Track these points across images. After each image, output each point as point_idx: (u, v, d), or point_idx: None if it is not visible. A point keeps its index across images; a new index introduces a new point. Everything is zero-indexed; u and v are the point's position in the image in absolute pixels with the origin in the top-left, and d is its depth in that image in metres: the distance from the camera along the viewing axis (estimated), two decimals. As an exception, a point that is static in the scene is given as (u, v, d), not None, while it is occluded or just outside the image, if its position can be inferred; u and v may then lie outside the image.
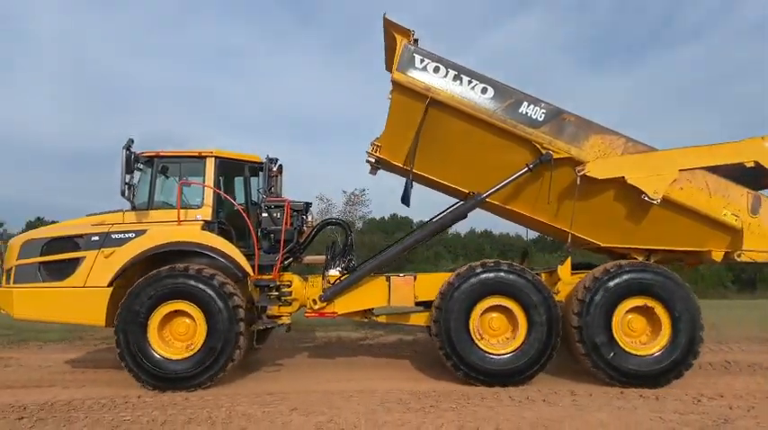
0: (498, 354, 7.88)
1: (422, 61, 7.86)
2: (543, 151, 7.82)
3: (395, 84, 7.88)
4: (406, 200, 8.55)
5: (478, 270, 7.98)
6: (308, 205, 9.30)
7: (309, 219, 9.42)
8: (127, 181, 8.13)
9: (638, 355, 7.84)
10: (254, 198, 9.11)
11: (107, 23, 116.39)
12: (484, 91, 7.88)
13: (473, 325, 7.91)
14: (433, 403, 6.87)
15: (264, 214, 8.68)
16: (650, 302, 7.89)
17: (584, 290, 7.89)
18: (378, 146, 8.37)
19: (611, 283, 7.86)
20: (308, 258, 9.71)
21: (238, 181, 9.19)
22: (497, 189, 8.06)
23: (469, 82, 7.89)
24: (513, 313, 7.92)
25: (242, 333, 7.92)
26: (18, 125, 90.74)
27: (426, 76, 7.82)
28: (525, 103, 7.89)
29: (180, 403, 6.97)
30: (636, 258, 8.41)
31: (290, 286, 8.72)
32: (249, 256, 8.40)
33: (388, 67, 8.32)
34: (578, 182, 7.81)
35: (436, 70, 7.87)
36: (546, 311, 7.83)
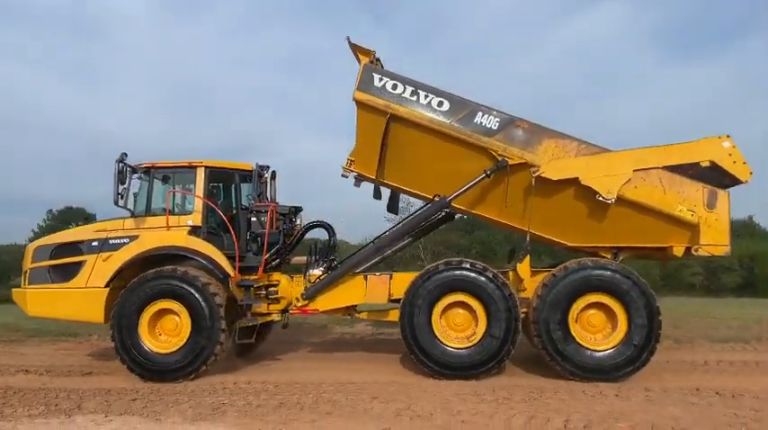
0: (459, 348, 8.24)
1: (381, 80, 8.45)
2: (499, 158, 8.21)
3: (357, 102, 8.47)
4: (393, 208, 9.49)
5: (442, 268, 8.38)
6: (296, 209, 9.92)
7: (298, 222, 10.02)
8: (119, 191, 8.74)
9: (595, 350, 8.07)
10: (246, 203, 9.60)
11: (195, 32, 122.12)
12: (440, 104, 8.36)
13: (435, 319, 8.31)
14: (507, 395, 7.16)
15: (253, 218, 9.26)
16: (606, 299, 8.10)
17: (543, 286, 8.21)
18: (351, 160, 8.88)
19: (568, 280, 8.13)
20: (296, 259, 10.08)
21: (244, 187, 9.72)
22: (459, 193, 8.42)
23: (426, 96, 8.40)
24: (474, 309, 8.26)
25: (223, 330, 8.51)
26: (119, 130, 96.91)
27: (387, 93, 8.38)
28: (480, 113, 8.31)
29: (271, 390, 7.60)
30: (604, 256, 8.52)
31: (277, 285, 9.32)
32: (242, 258, 9.07)
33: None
34: (533, 183, 8.13)
35: (394, 87, 8.42)
36: (505, 308, 8.13)
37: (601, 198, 7.96)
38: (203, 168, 9.23)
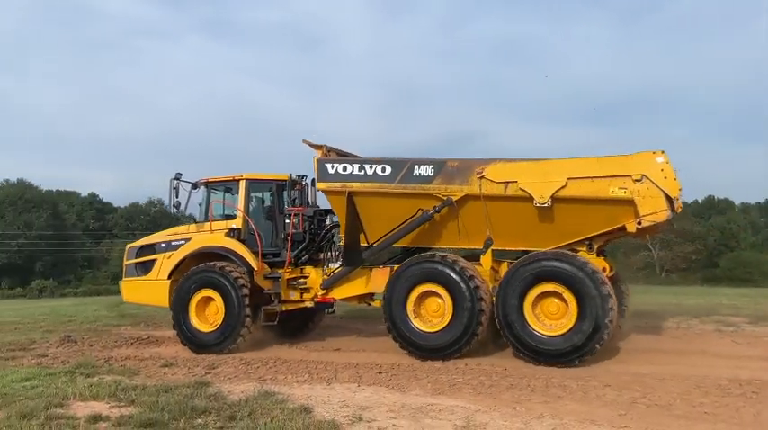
0: (429, 331, 9.12)
1: (332, 167, 9.76)
2: (444, 198, 9.04)
3: (323, 191, 10.01)
4: None
5: (417, 260, 9.34)
6: (325, 211, 11.16)
7: (328, 222, 11.25)
8: (174, 203, 10.92)
9: (548, 335, 8.47)
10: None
11: (405, 32, 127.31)
12: (383, 170, 9.47)
13: (410, 306, 9.22)
14: (756, 390, 6.69)
15: (286, 221, 10.77)
16: (559, 288, 8.45)
17: (503, 276, 8.86)
18: (341, 237, 10.19)
19: (524, 270, 8.64)
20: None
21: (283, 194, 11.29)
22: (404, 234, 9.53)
23: (371, 167, 9.53)
24: (443, 297, 9.02)
25: (248, 314, 10.15)
26: (336, 132, 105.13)
27: (341, 175, 9.66)
28: (416, 166, 9.31)
29: (500, 372, 8.01)
30: (580, 249, 8.84)
31: (307, 277, 10.77)
32: (276, 254, 10.83)
33: None
34: (480, 188, 8.86)
35: (344, 169, 9.67)
36: (469, 297, 8.81)
37: (536, 203, 8.53)
38: (244, 181, 11.00)
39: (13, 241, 54.11)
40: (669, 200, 8.18)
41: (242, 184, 11.02)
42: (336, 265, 10.62)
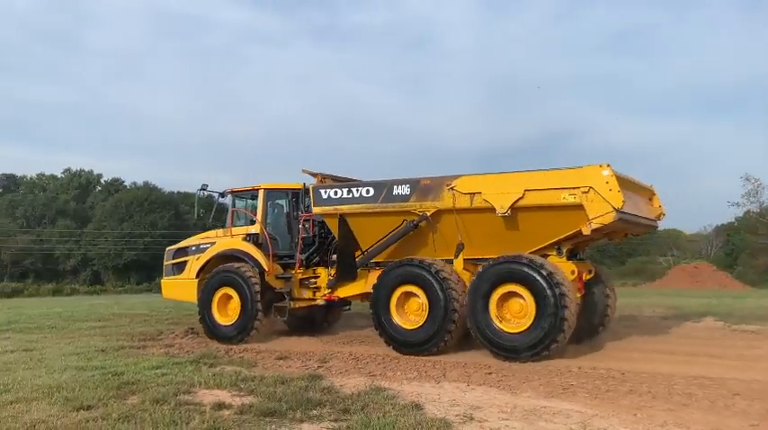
0: (408, 328, 9.85)
1: (325, 192, 10.73)
2: (419, 214, 9.79)
3: (318, 215, 11.07)
4: None
5: (399, 263, 10.08)
6: None
7: None
8: (202, 213, 12.91)
9: (510, 332, 9.00)
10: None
11: (509, 28, 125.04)
12: (367, 192, 10.39)
13: (392, 305, 9.97)
14: None
15: (300, 226, 11.65)
16: (518, 289, 8.99)
17: (472, 278, 9.45)
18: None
19: (488, 272, 9.23)
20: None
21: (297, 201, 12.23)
22: (385, 247, 10.43)
23: (357, 190, 10.49)
24: (420, 298, 9.73)
25: (259, 310, 11.31)
26: (439, 130, 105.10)
27: (333, 200, 10.63)
28: (395, 187, 10.16)
29: (618, 376, 7.65)
30: (549, 253, 9.41)
31: (317, 277, 11.62)
32: (291, 256, 11.86)
33: None
34: (452, 202, 9.56)
35: (335, 193, 10.63)
36: (443, 297, 9.44)
37: (498, 213, 9.11)
38: (263, 190, 12.18)
39: (141, 240, 58.62)
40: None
41: (261, 193, 12.22)
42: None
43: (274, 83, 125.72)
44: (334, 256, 11.35)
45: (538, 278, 8.74)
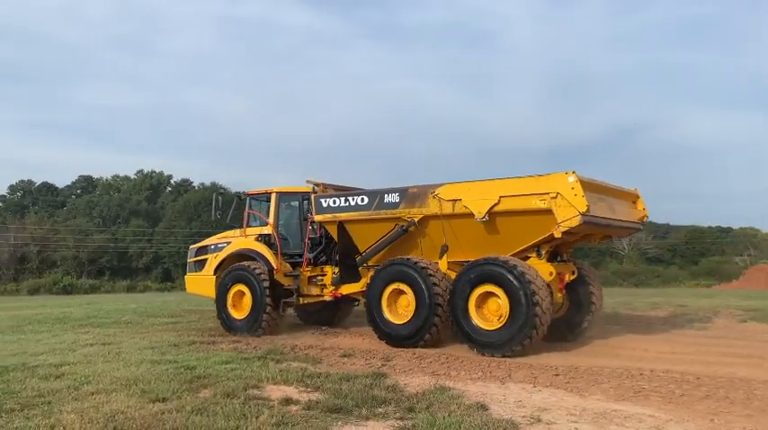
0: (397, 323, 10.56)
1: (325, 200, 11.62)
2: (408, 220, 10.53)
3: (320, 222, 11.98)
4: None
5: (390, 263, 10.77)
6: None
7: None
8: (219, 215, 13.67)
9: (487, 329, 9.57)
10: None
11: (572, 20, 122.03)
12: (362, 200, 11.21)
13: (384, 301, 10.71)
14: None
15: (309, 227, 12.41)
16: (494, 289, 9.51)
17: (455, 278, 10.07)
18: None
19: (468, 273, 9.81)
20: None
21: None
22: (379, 249, 11.24)
23: (353, 198, 11.32)
24: (408, 294, 10.39)
25: (269, 304, 12.09)
26: (501, 127, 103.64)
27: (332, 208, 11.51)
28: (386, 195, 10.93)
29: (692, 381, 7.35)
30: (530, 256, 9.91)
31: (324, 275, 12.39)
32: (300, 255, 12.66)
33: None
34: (437, 208, 10.24)
35: (334, 202, 11.49)
36: (429, 295, 10.10)
37: (477, 218, 9.72)
38: (275, 193, 12.99)
39: (208, 238, 60.44)
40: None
41: (273, 197, 13.05)
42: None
43: (336, 84, 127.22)
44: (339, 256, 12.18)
45: (511, 278, 9.28)
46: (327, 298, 12.46)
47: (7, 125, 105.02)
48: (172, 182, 78.37)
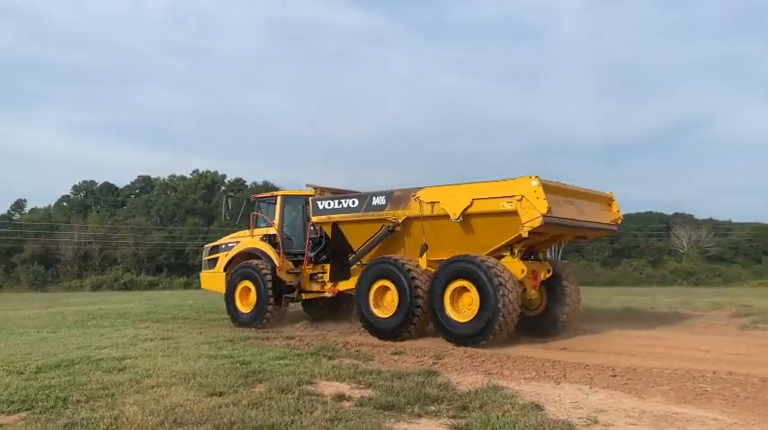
0: (382, 317, 11.26)
1: (321, 203, 12.39)
2: (393, 221, 11.24)
3: (316, 223, 12.76)
4: None
5: (376, 261, 11.54)
6: None
7: None
8: (228, 216, 15.15)
9: (460, 322, 10.24)
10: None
11: (626, 11, 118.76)
12: (353, 202, 11.96)
13: (371, 297, 11.41)
14: None
15: (311, 227, 13.13)
16: (466, 284, 10.16)
17: (433, 274, 10.74)
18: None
19: (443, 270, 10.52)
20: None
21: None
22: (369, 248, 11.99)
23: (345, 201, 12.08)
24: (392, 290, 11.10)
25: (272, 299, 13.13)
26: (553, 123, 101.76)
27: (327, 210, 12.29)
28: (374, 197, 11.68)
29: (757, 383, 7.06)
30: (505, 255, 10.54)
31: (325, 272, 13.10)
32: (302, 254, 13.60)
33: None
34: (418, 210, 10.94)
35: (329, 205, 12.26)
36: (410, 291, 10.80)
37: (452, 219, 10.42)
38: (280, 197, 14.12)
39: (261, 236, 61.56)
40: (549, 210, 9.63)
41: (278, 200, 14.11)
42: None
43: (384, 83, 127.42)
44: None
45: (481, 274, 9.94)
46: (328, 294, 13.11)
47: (72, 127, 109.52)
48: (226, 181, 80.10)
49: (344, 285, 12.80)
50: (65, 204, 78.61)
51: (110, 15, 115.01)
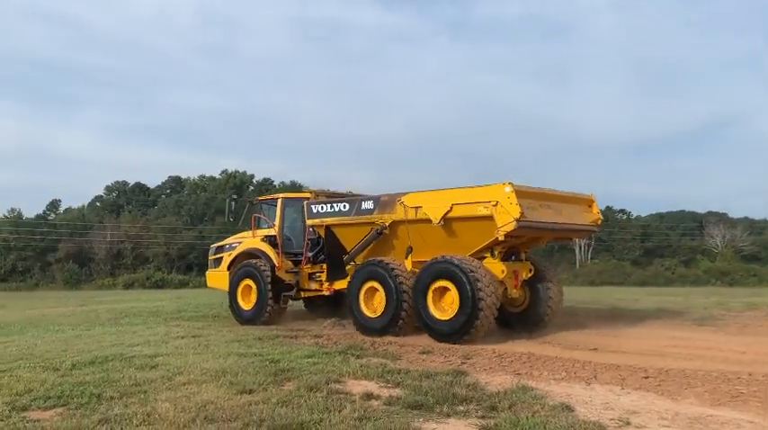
0: (371, 317, 11.71)
1: (315, 207, 12.98)
2: (381, 224, 11.74)
3: (311, 226, 13.33)
4: None
5: (365, 264, 12.09)
6: None
7: None
8: (231, 218, 15.50)
9: (441, 319, 10.74)
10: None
11: (657, 5, 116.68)
12: (344, 207, 12.52)
13: (361, 297, 11.88)
14: None
15: (309, 229, 13.55)
16: (447, 284, 10.67)
17: (417, 274, 11.19)
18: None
19: (426, 270, 11.02)
20: None
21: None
22: (361, 249, 12.47)
23: (337, 204, 12.66)
24: (380, 291, 11.57)
25: (271, 297, 13.64)
26: (585, 121, 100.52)
27: (320, 213, 12.88)
28: (363, 202, 12.29)
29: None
30: (486, 256, 11.06)
31: (323, 272, 13.56)
32: (301, 254, 14.11)
33: None
34: (403, 214, 11.51)
35: (322, 208, 12.82)
36: (396, 292, 11.28)
37: (434, 223, 10.94)
38: (281, 199, 14.85)
39: (289, 236, 62.07)
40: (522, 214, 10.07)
41: (279, 202, 14.74)
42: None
43: (414, 81, 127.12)
44: None
45: (460, 275, 10.37)
46: (325, 292, 13.62)
47: (104, 129, 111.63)
48: (254, 181, 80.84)
49: (340, 284, 13.24)
50: (98, 204, 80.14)
51: (142, 20, 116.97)
